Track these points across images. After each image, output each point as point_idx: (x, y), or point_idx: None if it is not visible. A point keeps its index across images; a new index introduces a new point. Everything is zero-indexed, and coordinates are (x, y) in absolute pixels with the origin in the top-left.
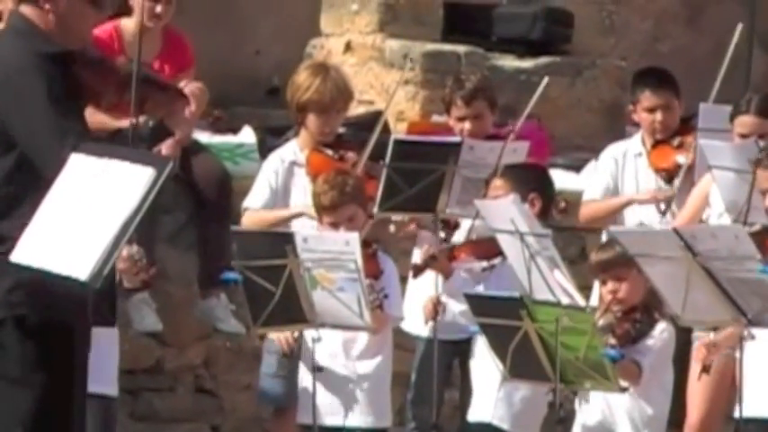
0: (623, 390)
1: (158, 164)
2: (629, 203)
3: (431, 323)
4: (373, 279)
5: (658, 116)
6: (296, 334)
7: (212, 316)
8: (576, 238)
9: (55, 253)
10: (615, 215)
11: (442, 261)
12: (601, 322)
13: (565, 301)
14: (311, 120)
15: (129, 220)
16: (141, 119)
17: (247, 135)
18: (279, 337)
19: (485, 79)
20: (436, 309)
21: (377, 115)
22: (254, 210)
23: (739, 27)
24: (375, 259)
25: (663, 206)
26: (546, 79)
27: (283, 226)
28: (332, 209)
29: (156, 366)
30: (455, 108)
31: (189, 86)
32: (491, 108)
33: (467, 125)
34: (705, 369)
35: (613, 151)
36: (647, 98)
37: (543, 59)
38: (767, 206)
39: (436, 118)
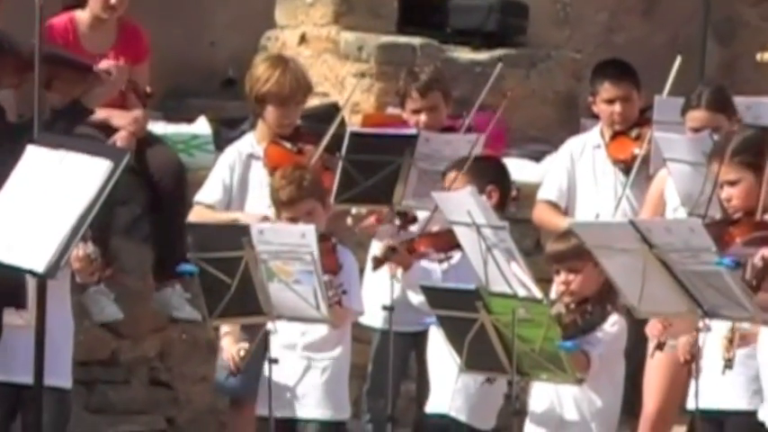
0: (579, 381)
1: (115, 156)
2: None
3: (385, 314)
4: (332, 274)
5: (617, 108)
6: (242, 353)
7: (168, 305)
8: (531, 230)
9: (11, 245)
10: None
11: (402, 253)
12: (552, 312)
13: (521, 293)
14: (270, 112)
15: (85, 211)
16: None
17: (202, 126)
18: (229, 355)
19: (439, 71)
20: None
21: (332, 107)
22: (204, 205)
23: (678, 60)
24: (334, 253)
25: None
26: (499, 66)
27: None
28: (290, 204)
29: (111, 358)
30: (410, 100)
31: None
32: (446, 100)
33: (422, 117)
34: (659, 346)
35: (571, 145)
36: (606, 90)
37: (498, 51)
38: (723, 198)
39: (391, 110)
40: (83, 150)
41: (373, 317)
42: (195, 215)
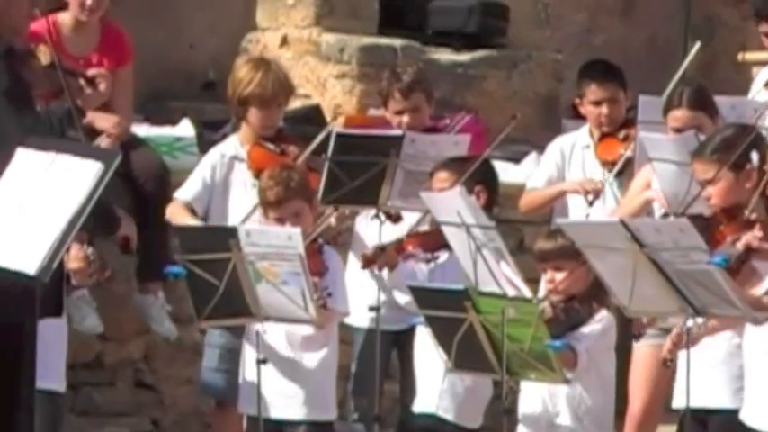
0: (567, 381)
1: (106, 158)
2: (560, 194)
3: (368, 313)
4: (317, 277)
5: (604, 109)
6: None
7: (147, 314)
8: (514, 230)
9: (2, 247)
10: (550, 204)
11: (390, 253)
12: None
13: (511, 292)
14: (253, 114)
15: (77, 214)
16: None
17: (186, 129)
18: None
19: (421, 72)
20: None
21: (313, 109)
22: (181, 201)
23: (697, 45)
24: (320, 255)
25: (590, 197)
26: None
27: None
28: (277, 204)
29: (95, 361)
30: (393, 102)
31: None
32: (428, 100)
33: (405, 118)
34: (665, 362)
35: (561, 142)
36: (592, 91)
37: (479, 53)
38: (703, 197)
39: (373, 112)
40: (73, 152)
41: (357, 316)
42: (170, 210)
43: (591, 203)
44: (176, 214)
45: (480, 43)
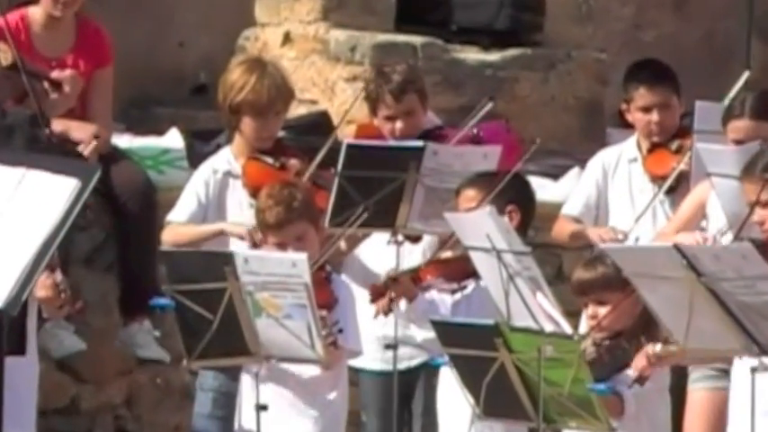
0: (613, 430)
1: (83, 173)
2: (580, 234)
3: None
4: (326, 311)
5: (654, 116)
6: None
7: (132, 343)
8: (552, 256)
9: None
10: (578, 241)
11: (405, 283)
12: None
13: (548, 328)
14: (247, 123)
15: (50, 237)
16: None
17: (174, 139)
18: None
19: (412, 69)
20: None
21: (320, 116)
22: (177, 224)
23: (746, 74)
24: (328, 285)
25: None
26: (489, 104)
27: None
28: (278, 227)
29: (70, 406)
30: (384, 107)
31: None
32: (422, 102)
33: (398, 124)
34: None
35: (604, 156)
36: (641, 96)
37: (511, 52)
38: (756, 221)
39: None
40: (46, 167)
41: (366, 359)
42: (167, 235)
43: None
44: (180, 233)
45: (512, 41)
